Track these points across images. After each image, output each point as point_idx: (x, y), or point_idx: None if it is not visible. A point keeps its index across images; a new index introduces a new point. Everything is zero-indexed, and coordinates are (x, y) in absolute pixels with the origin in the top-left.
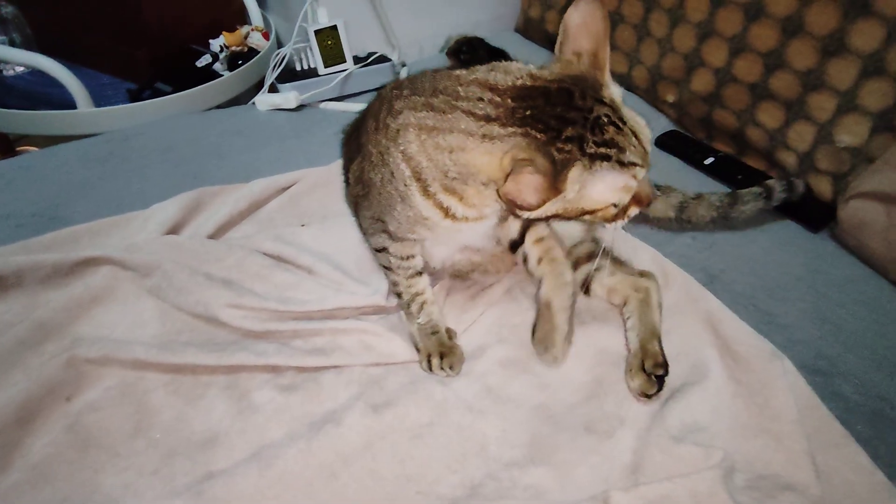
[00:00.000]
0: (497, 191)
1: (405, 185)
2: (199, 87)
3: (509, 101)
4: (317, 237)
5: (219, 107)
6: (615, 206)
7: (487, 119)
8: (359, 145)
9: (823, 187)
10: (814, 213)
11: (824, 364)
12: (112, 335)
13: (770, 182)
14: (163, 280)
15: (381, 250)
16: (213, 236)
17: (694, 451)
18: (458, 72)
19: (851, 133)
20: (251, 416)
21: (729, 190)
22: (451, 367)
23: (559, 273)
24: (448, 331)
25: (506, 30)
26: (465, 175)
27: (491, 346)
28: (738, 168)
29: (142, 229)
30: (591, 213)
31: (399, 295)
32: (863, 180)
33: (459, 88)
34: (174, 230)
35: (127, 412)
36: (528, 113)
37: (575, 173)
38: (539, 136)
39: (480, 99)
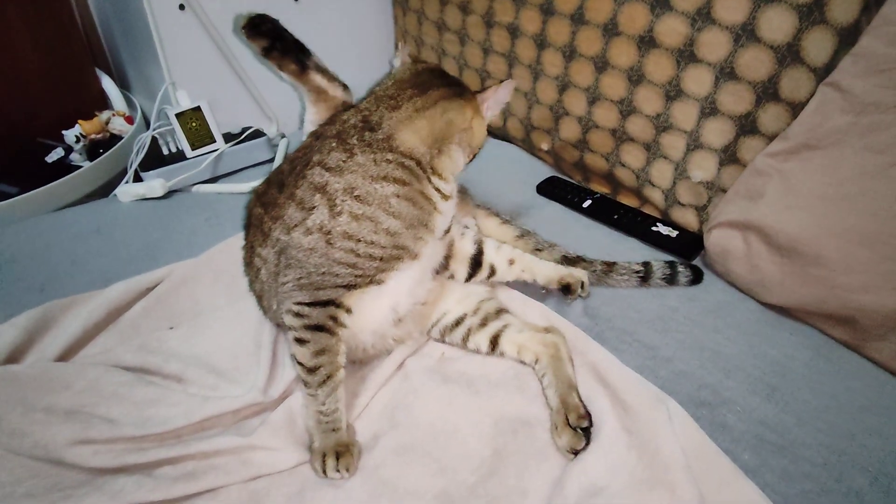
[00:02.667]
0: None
1: (415, 177)
2: (50, 184)
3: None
4: (187, 339)
5: (78, 202)
6: None
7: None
8: (297, 199)
9: (690, 219)
10: (685, 245)
11: (708, 394)
12: None
13: (654, 263)
14: None
15: (325, 304)
16: (62, 358)
17: None
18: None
19: (702, 168)
20: None
21: (607, 228)
22: (346, 469)
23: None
24: (348, 427)
25: None
26: (445, 136)
27: (385, 432)
28: (613, 208)
29: None
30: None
31: (314, 370)
32: (720, 211)
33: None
34: (13, 358)
35: None
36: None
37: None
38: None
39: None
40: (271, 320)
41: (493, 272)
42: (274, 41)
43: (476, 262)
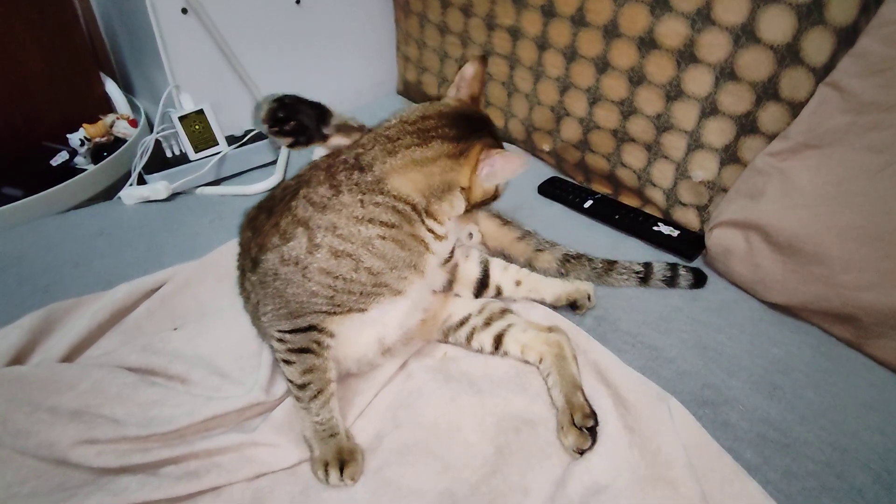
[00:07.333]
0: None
1: (407, 220)
2: (55, 187)
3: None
4: (191, 340)
5: (82, 205)
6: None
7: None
8: (280, 230)
9: (691, 219)
10: (687, 244)
11: (711, 393)
12: None
13: (655, 265)
14: None
15: (306, 329)
16: (67, 358)
17: None
18: (389, 120)
19: (703, 168)
20: None
21: (609, 228)
22: (352, 479)
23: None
24: (346, 431)
25: (388, 94)
26: (444, 191)
27: (388, 433)
28: (614, 208)
29: None
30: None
31: (304, 387)
32: (721, 210)
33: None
34: (19, 359)
35: None
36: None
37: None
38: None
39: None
40: (264, 340)
41: (499, 293)
42: (298, 136)
43: (482, 284)
